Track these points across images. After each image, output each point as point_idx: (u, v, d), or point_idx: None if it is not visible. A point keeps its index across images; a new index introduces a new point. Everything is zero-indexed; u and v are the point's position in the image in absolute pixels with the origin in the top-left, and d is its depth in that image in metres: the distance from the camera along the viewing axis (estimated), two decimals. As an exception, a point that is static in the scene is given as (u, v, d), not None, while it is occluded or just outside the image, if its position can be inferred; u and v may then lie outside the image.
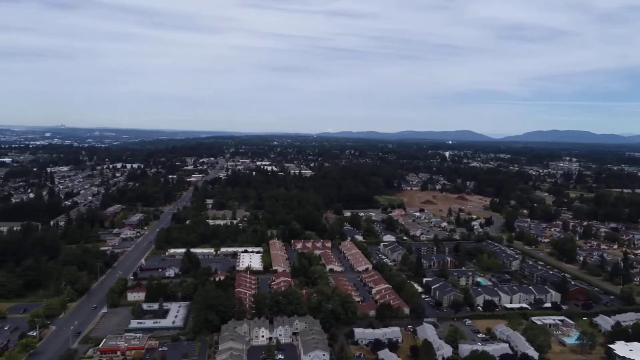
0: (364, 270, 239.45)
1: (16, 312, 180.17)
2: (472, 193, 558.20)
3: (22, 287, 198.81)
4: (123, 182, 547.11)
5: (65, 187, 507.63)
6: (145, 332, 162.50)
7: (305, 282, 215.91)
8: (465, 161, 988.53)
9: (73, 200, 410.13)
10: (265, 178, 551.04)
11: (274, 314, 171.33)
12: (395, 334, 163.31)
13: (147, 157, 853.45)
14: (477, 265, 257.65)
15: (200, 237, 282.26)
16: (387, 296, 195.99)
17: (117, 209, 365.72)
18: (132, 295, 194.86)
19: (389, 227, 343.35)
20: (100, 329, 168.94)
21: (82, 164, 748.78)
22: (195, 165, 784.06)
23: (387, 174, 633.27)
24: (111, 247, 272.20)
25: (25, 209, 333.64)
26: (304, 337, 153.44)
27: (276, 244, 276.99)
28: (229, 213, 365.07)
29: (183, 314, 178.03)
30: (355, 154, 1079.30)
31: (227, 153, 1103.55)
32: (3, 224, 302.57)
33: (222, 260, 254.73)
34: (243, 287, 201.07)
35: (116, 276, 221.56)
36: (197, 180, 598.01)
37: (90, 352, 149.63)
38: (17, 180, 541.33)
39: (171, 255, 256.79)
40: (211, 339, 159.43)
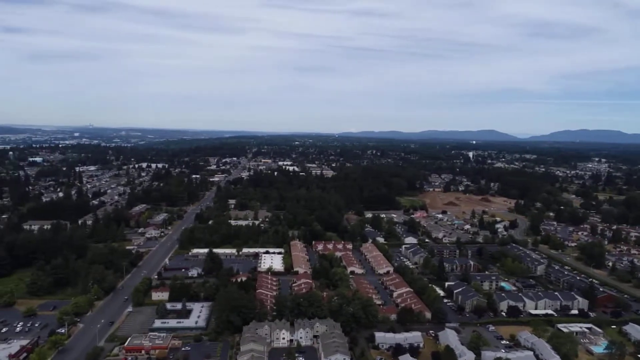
0: (385, 273, 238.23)
1: (46, 309, 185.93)
2: (496, 195, 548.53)
3: (52, 285, 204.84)
4: (148, 181, 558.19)
5: (92, 186, 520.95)
6: (168, 331, 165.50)
7: (326, 284, 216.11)
8: (490, 162, 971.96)
9: (100, 200, 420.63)
10: (287, 178, 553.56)
11: (294, 316, 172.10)
12: (416, 338, 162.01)
13: (172, 157, 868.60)
14: (501, 269, 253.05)
15: (222, 238, 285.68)
16: (408, 300, 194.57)
17: (142, 209, 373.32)
18: (156, 295, 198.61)
19: (411, 229, 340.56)
20: (125, 327, 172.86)
21: (109, 163, 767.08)
22: (218, 165, 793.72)
23: (409, 174, 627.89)
24: (136, 246, 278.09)
25: (55, 208, 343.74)
26: (325, 340, 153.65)
27: (297, 245, 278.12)
28: (251, 213, 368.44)
29: (205, 315, 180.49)
30: (377, 154, 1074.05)
31: (249, 153, 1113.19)
32: (34, 222, 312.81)
33: (244, 260, 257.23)
34: (264, 288, 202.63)
35: (141, 275, 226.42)
36: (220, 180, 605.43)
37: (116, 351, 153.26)
38: (48, 179, 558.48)
39: (194, 256, 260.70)
40: (233, 340, 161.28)
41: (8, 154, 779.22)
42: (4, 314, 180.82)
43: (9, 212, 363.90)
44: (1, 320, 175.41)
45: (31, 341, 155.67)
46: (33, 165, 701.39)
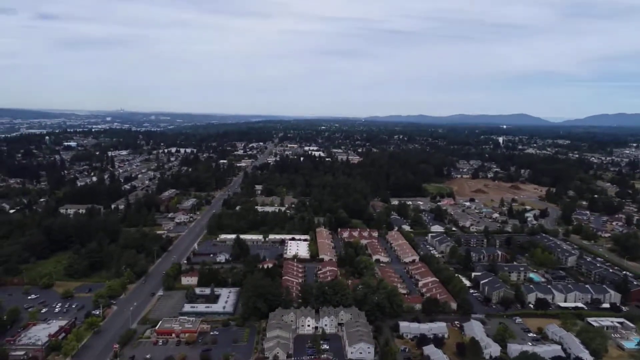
0: (411, 262, 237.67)
1: (82, 292, 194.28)
2: (527, 182, 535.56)
3: (87, 268, 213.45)
4: (177, 166, 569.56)
5: (124, 171, 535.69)
6: (197, 316, 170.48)
7: (351, 272, 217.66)
8: (520, 147, 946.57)
9: (131, 185, 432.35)
10: (313, 164, 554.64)
11: (320, 304, 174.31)
12: (441, 329, 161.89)
13: (200, 142, 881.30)
14: (529, 260, 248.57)
15: (249, 224, 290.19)
16: (433, 290, 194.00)
17: (171, 194, 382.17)
18: (185, 280, 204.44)
19: (438, 217, 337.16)
20: (156, 310, 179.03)
21: (139, 148, 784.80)
22: (245, 150, 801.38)
23: (437, 161, 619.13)
24: (166, 231, 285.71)
25: (89, 193, 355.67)
26: (349, 329, 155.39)
27: (323, 232, 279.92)
28: (277, 199, 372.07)
29: (233, 300, 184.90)
30: (404, 139, 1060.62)
31: (275, 138, 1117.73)
32: (70, 207, 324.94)
33: (270, 247, 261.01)
34: (290, 275, 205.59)
35: (171, 260, 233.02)
36: (247, 165, 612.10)
37: (148, 333, 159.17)
38: (82, 164, 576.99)
39: (222, 241, 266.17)
40: (259, 326, 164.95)
41: (45, 139, 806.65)
42: (44, 295, 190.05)
43: (46, 196, 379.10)
44: (41, 301, 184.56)
45: (69, 322, 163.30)
46: (68, 149, 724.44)
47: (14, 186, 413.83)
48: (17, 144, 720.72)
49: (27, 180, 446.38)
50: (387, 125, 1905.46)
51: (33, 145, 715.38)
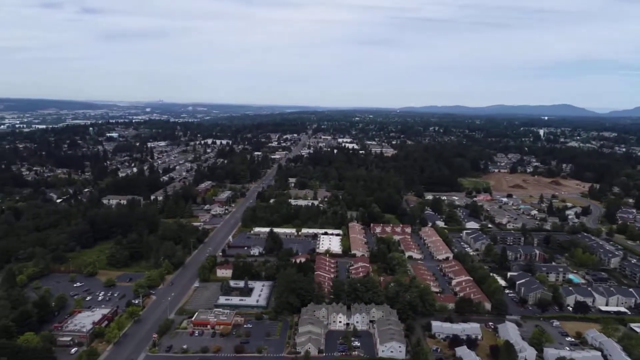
0: (444, 260, 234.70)
1: (123, 281, 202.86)
2: (569, 177, 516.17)
3: (128, 258, 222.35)
4: (213, 158, 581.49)
5: (163, 162, 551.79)
6: (232, 308, 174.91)
7: (384, 269, 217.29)
8: (562, 140, 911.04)
9: (169, 176, 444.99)
10: (346, 157, 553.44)
11: (351, 301, 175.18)
12: (474, 330, 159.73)
13: (235, 133, 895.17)
14: (569, 260, 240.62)
15: (282, 217, 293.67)
16: (467, 289, 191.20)
17: (207, 186, 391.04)
18: (220, 272, 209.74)
19: (473, 214, 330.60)
20: (193, 301, 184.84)
21: (177, 139, 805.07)
22: (279, 142, 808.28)
23: (473, 154, 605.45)
24: (202, 223, 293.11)
25: (130, 184, 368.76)
26: (381, 327, 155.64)
27: (355, 227, 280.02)
28: (310, 193, 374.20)
29: (266, 294, 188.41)
30: (440, 131, 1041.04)
31: (309, 129, 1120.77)
32: (112, 197, 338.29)
33: (303, 241, 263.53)
34: (322, 270, 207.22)
35: (207, 252, 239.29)
36: (281, 157, 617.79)
37: (185, 324, 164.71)
38: (123, 154, 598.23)
39: (256, 234, 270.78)
40: (292, 320, 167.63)
41: (89, 130, 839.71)
42: (88, 283, 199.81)
43: (90, 186, 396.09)
44: (86, 289, 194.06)
45: (111, 310, 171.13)
46: (110, 140, 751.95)
47: (61, 176, 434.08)
48: (63, 134, 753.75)
49: (72, 170, 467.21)
50: (423, 116, 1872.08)
51: (78, 136, 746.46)
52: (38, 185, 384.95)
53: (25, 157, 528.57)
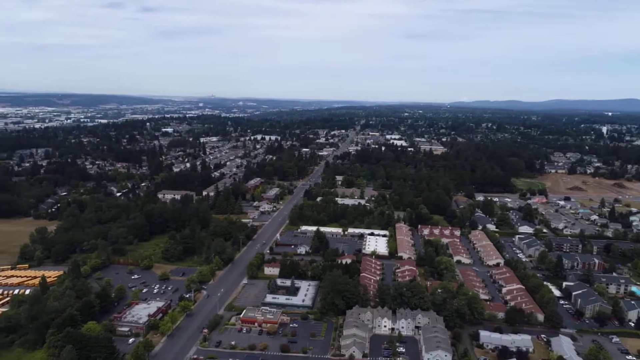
0: (495, 266, 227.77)
1: (176, 275, 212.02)
2: (634, 180, 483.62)
3: (181, 253, 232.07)
4: (262, 154, 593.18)
5: (214, 157, 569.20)
6: (278, 307, 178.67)
7: (431, 273, 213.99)
8: (628, 139, 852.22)
9: (221, 172, 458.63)
10: (394, 155, 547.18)
11: (397, 305, 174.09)
12: (525, 342, 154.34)
13: (284, 129, 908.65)
14: (633, 271, 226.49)
15: (329, 216, 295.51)
16: (519, 298, 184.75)
17: (257, 183, 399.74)
18: (268, 270, 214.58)
19: (527, 217, 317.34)
20: (241, 298, 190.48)
21: (228, 134, 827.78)
22: (327, 139, 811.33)
23: (528, 153, 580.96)
24: (251, 219, 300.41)
25: (183, 180, 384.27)
26: (427, 334, 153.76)
27: (402, 228, 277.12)
28: (357, 191, 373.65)
29: (312, 294, 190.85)
30: (493, 128, 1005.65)
31: (357, 125, 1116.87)
32: (167, 192, 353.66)
33: (349, 241, 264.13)
34: (368, 272, 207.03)
35: (255, 249, 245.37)
36: (328, 154, 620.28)
37: (233, 320, 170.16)
38: (177, 149, 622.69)
39: (303, 232, 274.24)
40: (336, 322, 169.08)
41: (146, 125, 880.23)
42: (145, 276, 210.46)
43: (147, 180, 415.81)
44: (142, 281, 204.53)
45: (165, 303, 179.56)
46: (165, 135, 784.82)
47: (121, 170, 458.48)
48: (123, 129, 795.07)
49: (131, 164, 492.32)
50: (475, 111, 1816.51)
51: (136, 131, 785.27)
52: (100, 178, 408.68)
53: (88, 151, 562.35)
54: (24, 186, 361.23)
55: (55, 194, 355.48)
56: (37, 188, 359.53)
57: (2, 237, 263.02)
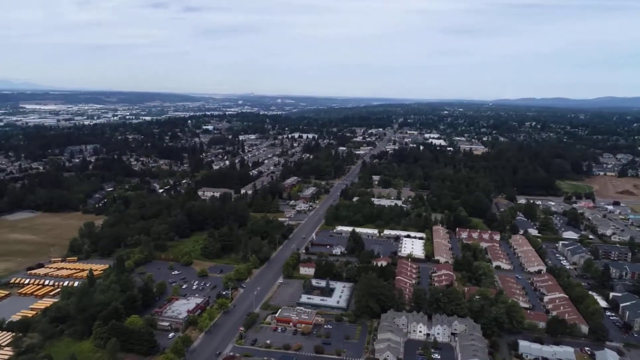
0: (536, 273, 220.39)
1: (214, 272, 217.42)
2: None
3: (219, 250, 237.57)
4: (299, 152, 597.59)
5: (252, 155, 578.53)
6: (313, 307, 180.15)
7: (468, 278, 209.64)
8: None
9: (259, 170, 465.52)
10: (433, 154, 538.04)
11: (433, 310, 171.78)
12: (567, 354, 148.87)
13: (321, 127, 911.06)
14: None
15: (365, 217, 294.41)
16: (561, 307, 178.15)
17: (293, 181, 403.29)
18: (303, 270, 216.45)
19: (572, 222, 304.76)
20: (276, 297, 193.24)
21: (266, 132, 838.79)
22: (364, 137, 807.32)
23: (575, 154, 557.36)
24: (288, 218, 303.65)
25: (223, 177, 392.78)
26: (463, 342, 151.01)
27: (440, 231, 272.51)
28: (394, 192, 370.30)
29: (346, 295, 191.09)
30: (537, 127, 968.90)
31: (395, 123, 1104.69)
32: (207, 189, 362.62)
33: (385, 242, 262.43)
34: (404, 275, 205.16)
35: (291, 248, 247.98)
36: (365, 153, 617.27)
37: (269, 319, 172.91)
38: (217, 147, 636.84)
39: (338, 233, 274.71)
40: (371, 325, 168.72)
41: (187, 122, 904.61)
42: (185, 272, 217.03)
43: (188, 177, 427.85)
44: (182, 277, 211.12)
45: (203, 300, 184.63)
46: (206, 133, 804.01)
47: (163, 167, 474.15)
48: (165, 126, 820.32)
49: (172, 161, 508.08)
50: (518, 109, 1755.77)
51: (178, 128, 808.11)
52: (144, 175, 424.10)
53: (133, 148, 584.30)
54: (74, 182, 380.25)
55: (102, 190, 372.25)
56: (86, 183, 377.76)
57: (54, 230, 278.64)
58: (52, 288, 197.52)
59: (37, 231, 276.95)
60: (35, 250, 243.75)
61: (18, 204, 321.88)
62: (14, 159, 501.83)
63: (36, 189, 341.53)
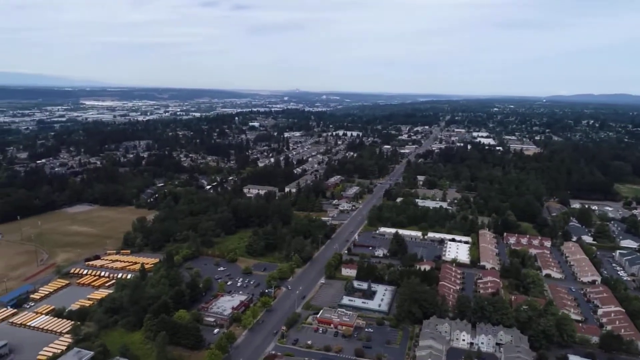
0: (590, 283, 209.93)
1: (258, 270, 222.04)
2: None
3: (263, 248, 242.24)
4: (343, 150, 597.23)
5: (297, 153, 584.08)
6: (354, 310, 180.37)
7: (515, 286, 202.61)
8: None
9: (302, 168, 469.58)
10: (481, 154, 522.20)
11: (477, 319, 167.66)
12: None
13: (365, 125, 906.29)
14: None
15: (409, 218, 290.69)
16: (617, 322, 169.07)
17: (337, 180, 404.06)
18: (345, 271, 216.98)
19: (631, 230, 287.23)
20: (318, 298, 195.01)
21: (311, 129, 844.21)
22: (409, 135, 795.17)
23: (637, 156, 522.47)
24: (330, 218, 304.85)
25: (267, 175, 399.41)
26: (509, 353, 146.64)
27: (486, 235, 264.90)
28: (439, 193, 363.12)
29: (388, 299, 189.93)
30: (595, 125, 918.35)
31: (442, 121, 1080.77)
32: (252, 187, 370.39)
33: (429, 245, 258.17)
34: (447, 280, 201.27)
35: (333, 248, 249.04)
36: (410, 152, 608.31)
37: (310, 320, 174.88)
38: (262, 144, 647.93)
39: (381, 234, 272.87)
40: (412, 331, 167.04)
41: (234, 119, 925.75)
42: (230, 269, 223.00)
43: (234, 174, 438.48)
44: (227, 273, 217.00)
45: (247, 298, 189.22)
46: (252, 129, 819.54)
47: (211, 164, 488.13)
48: (213, 123, 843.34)
49: (220, 158, 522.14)
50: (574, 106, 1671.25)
51: (225, 125, 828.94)
52: (193, 171, 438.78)
53: (183, 144, 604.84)
54: (128, 177, 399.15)
55: (154, 185, 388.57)
56: (139, 179, 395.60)
57: (110, 224, 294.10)
58: (108, 279, 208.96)
59: (94, 224, 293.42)
60: (92, 242, 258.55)
61: (78, 197, 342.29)
62: (74, 154, 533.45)
63: (94, 184, 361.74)
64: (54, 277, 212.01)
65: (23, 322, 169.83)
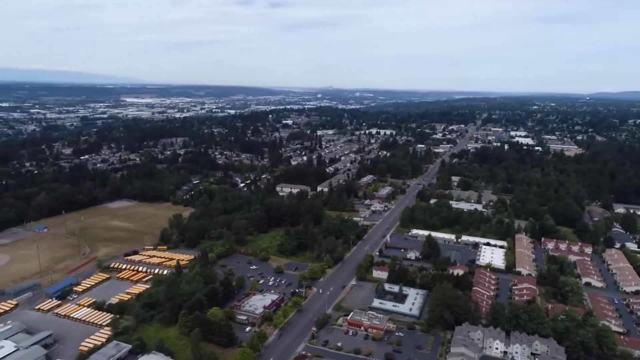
0: (633, 293, 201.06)
1: (290, 269, 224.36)
2: None
3: (295, 247, 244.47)
4: (376, 149, 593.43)
5: (329, 151, 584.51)
6: (385, 313, 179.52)
7: (553, 294, 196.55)
8: None
9: (335, 167, 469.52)
10: (518, 155, 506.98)
11: (511, 327, 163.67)
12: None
13: (399, 123, 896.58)
14: None
15: (442, 221, 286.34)
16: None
17: (369, 180, 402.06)
18: (376, 273, 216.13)
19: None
20: (349, 299, 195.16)
21: (343, 127, 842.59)
22: (444, 134, 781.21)
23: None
24: (362, 218, 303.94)
25: (300, 174, 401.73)
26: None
27: (523, 240, 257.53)
28: (474, 195, 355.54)
29: (420, 303, 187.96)
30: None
31: (478, 119, 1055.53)
32: (285, 185, 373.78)
33: (462, 249, 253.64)
34: (481, 286, 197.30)
35: (365, 249, 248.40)
36: (445, 151, 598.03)
37: (340, 321, 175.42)
38: (295, 142, 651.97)
39: (413, 236, 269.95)
40: (444, 337, 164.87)
41: (268, 117, 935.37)
42: (262, 267, 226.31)
43: (267, 172, 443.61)
44: (259, 272, 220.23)
45: (279, 297, 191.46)
46: (285, 127, 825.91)
47: (245, 161, 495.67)
48: (247, 120, 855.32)
49: (254, 156, 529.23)
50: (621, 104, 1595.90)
51: (259, 122, 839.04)
52: (227, 169, 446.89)
53: (218, 142, 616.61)
54: (165, 174, 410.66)
55: (190, 182, 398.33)
56: (176, 176, 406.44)
57: (147, 220, 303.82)
58: (145, 274, 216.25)
59: (133, 219, 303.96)
60: (130, 238, 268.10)
61: (118, 193, 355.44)
62: (115, 150, 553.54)
63: (133, 180, 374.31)
64: (95, 270, 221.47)
65: (67, 313, 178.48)
